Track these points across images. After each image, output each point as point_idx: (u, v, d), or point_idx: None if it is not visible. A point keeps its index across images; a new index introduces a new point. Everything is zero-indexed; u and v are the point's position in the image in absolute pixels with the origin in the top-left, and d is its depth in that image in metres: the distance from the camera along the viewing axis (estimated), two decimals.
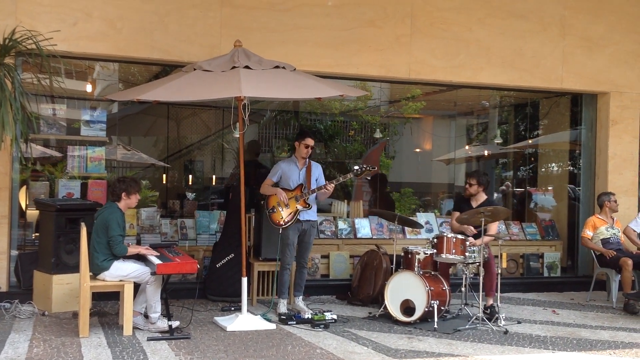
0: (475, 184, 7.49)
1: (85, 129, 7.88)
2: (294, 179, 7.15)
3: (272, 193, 7.14)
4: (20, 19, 6.91)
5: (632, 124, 9.31)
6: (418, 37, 8.37)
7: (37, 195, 7.84)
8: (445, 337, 6.45)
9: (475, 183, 7.49)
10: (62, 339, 5.90)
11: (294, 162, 7.24)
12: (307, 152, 7.18)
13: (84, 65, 8.39)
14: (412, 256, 7.10)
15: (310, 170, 7.22)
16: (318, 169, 7.35)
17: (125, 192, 6.31)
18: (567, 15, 9.00)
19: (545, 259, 9.47)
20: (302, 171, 7.20)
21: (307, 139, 7.18)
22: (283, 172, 7.20)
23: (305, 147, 7.16)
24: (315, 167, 7.33)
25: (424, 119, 13.58)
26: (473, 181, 7.51)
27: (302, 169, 7.21)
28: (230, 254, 7.75)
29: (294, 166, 7.22)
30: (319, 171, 7.34)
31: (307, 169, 7.22)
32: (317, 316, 6.84)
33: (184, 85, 6.44)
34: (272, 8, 7.83)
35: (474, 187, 7.49)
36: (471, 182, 7.52)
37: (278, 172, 7.22)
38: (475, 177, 7.54)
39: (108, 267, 6.15)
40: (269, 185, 7.20)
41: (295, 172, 7.18)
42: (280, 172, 7.21)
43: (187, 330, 6.32)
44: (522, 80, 8.90)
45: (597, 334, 6.76)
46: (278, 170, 7.23)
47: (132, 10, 7.38)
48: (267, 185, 7.21)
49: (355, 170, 6.98)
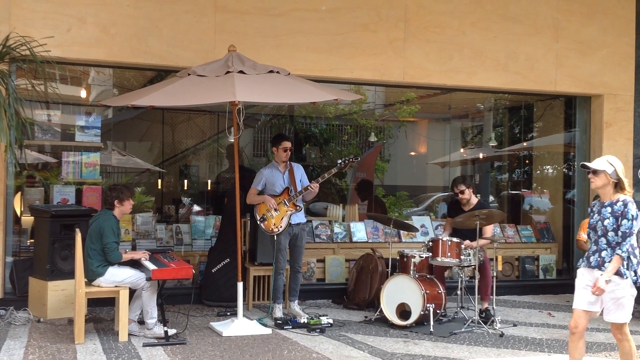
0: (465, 188, 7.47)
1: (80, 134, 7.86)
2: (279, 184, 7.15)
3: (260, 201, 7.13)
4: (14, 26, 6.90)
5: (625, 126, 9.33)
6: (412, 41, 8.39)
7: (32, 201, 7.82)
8: (441, 341, 6.46)
9: (465, 188, 7.47)
10: (57, 346, 5.89)
11: (276, 167, 7.24)
12: (286, 155, 7.18)
13: (78, 71, 8.39)
14: (408, 260, 7.11)
15: (292, 172, 7.22)
16: (300, 170, 7.35)
17: (117, 199, 6.31)
18: (560, 18, 9.03)
19: (541, 261, 9.49)
20: (286, 174, 7.20)
21: (283, 142, 7.18)
22: (266, 179, 7.19)
23: (283, 150, 7.16)
24: (297, 168, 7.33)
25: (418, 122, 13.61)
26: (462, 187, 7.46)
27: (285, 172, 7.21)
28: (225, 259, 7.75)
29: (276, 171, 7.22)
30: (301, 171, 7.35)
31: (289, 172, 7.22)
32: (313, 320, 6.84)
33: (179, 90, 6.45)
34: (266, 13, 7.84)
35: (466, 192, 7.47)
36: (461, 189, 7.47)
37: (262, 179, 7.21)
38: (462, 183, 7.47)
39: (103, 273, 6.14)
40: (255, 195, 7.19)
41: (278, 176, 7.18)
42: (263, 180, 7.20)
43: (182, 335, 6.31)
44: (516, 83, 8.93)
45: (593, 336, 6.77)
46: (261, 178, 7.22)
47: (126, 16, 7.38)
48: (253, 194, 7.19)
49: (339, 164, 7.04)
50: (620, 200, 4.87)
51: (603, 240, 4.88)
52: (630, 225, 4.79)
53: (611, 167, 4.90)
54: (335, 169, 7.08)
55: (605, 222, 4.86)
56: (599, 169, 4.91)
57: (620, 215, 4.81)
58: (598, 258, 4.88)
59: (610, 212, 4.86)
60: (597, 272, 4.83)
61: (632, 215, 4.79)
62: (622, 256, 4.76)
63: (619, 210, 4.83)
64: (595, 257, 4.90)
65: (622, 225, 4.80)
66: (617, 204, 4.85)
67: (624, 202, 4.84)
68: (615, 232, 4.83)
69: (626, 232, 4.78)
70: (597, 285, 4.74)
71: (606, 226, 4.85)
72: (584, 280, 4.95)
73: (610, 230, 4.84)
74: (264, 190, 7.18)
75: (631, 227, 4.79)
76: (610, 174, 4.89)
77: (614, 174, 4.89)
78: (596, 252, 4.91)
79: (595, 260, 4.89)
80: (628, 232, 4.78)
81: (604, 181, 4.91)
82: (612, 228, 4.83)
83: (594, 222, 4.94)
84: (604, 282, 4.73)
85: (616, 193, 4.91)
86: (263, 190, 7.19)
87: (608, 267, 4.78)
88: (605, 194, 4.95)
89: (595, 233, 4.93)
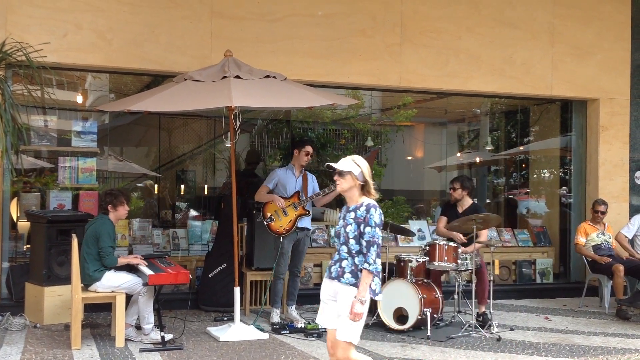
0: (459, 187, 7.53)
1: (77, 139, 7.85)
2: (291, 187, 7.15)
3: (268, 200, 7.11)
4: (10, 31, 6.91)
5: (622, 130, 9.37)
6: (408, 46, 8.41)
7: (28, 206, 7.81)
8: (439, 345, 6.46)
9: (459, 187, 7.53)
10: (54, 351, 5.88)
11: (291, 170, 7.25)
12: (307, 159, 7.21)
13: (74, 76, 8.38)
14: (405, 264, 7.11)
15: (306, 179, 7.24)
16: (314, 180, 7.37)
17: (111, 204, 6.31)
18: (556, 23, 9.06)
19: (538, 265, 9.50)
20: (299, 179, 7.21)
21: (307, 146, 7.22)
22: (279, 179, 7.19)
23: (306, 154, 7.19)
24: (311, 178, 7.36)
25: (415, 127, 13.62)
26: (457, 185, 7.56)
27: (299, 177, 7.22)
28: (222, 264, 7.74)
29: (291, 174, 7.22)
30: (315, 182, 7.36)
31: (303, 177, 7.24)
32: (310, 325, 6.82)
33: (175, 95, 6.45)
34: (262, 18, 7.86)
35: (458, 191, 7.53)
36: (455, 187, 7.57)
37: (274, 179, 7.21)
38: (458, 182, 7.59)
39: (100, 277, 6.14)
40: (264, 193, 7.18)
41: (292, 180, 7.19)
42: (276, 180, 7.20)
43: (179, 341, 6.30)
44: (512, 87, 8.95)
45: (590, 340, 6.78)
46: (274, 177, 7.22)
47: (122, 22, 7.39)
48: (263, 192, 7.18)
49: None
50: (364, 204, 4.33)
51: (344, 248, 4.35)
52: (374, 233, 4.24)
53: (358, 168, 4.37)
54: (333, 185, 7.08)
55: (347, 229, 4.32)
56: (345, 170, 4.37)
57: (363, 221, 4.28)
58: (338, 268, 4.35)
59: (354, 218, 4.32)
60: (337, 284, 4.33)
61: (375, 222, 4.26)
62: (370, 270, 4.21)
63: (361, 216, 4.29)
64: (336, 267, 4.38)
65: (365, 234, 4.26)
66: (360, 209, 4.32)
67: (367, 207, 4.30)
68: (357, 240, 4.29)
69: (370, 241, 4.24)
70: (353, 311, 4.20)
71: (348, 233, 4.31)
72: (325, 293, 4.47)
73: (351, 237, 4.30)
74: (274, 190, 7.18)
75: (375, 235, 4.24)
76: (357, 175, 4.35)
77: (361, 176, 4.35)
78: (337, 262, 4.39)
79: (335, 271, 4.37)
80: (372, 241, 4.24)
81: (350, 184, 4.36)
82: (354, 235, 4.29)
83: (338, 229, 4.42)
84: (360, 305, 4.20)
85: (362, 197, 4.39)
86: (273, 190, 7.18)
87: (360, 285, 4.24)
88: (351, 197, 4.40)
89: (339, 240, 4.40)
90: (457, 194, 7.55)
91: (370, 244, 4.24)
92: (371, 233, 4.24)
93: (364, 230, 4.27)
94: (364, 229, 4.26)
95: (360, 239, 4.28)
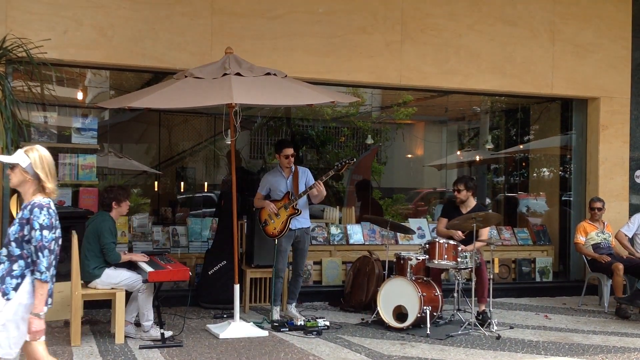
0: (464, 189, 7.50)
1: (77, 136, 7.85)
2: (281, 189, 7.16)
3: (261, 206, 7.18)
4: (11, 27, 6.89)
5: (622, 129, 9.36)
6: (408, 44, 8.40)
7: None
8: (438, 343, 6.46)
9: (463, 188, 7.50)
10: (53, 348, 5.87)
11: (279, 172, 7.25)
12: (288, 162, 7.18)
13: (75, 73, 8.37)
14: (405, 262, 7.11)
15: (297, 176, 7.21)
16: (306, 173, 7.34)
17: (115, 200, 6.32)
18: (556, 21, 9.05)
19: (537, 263, 9.48)
20: (289, 179, 7.20)
21: (284, 149, 7.16)
22: (270, 184, 7.21)
23: (285, 157, 7.16)
24: (303, 172, 7.32)
25: (415, 125, 13.62)
26: (461, 187, 7.52)
27: (289, 177, 7.21)
28: (222, 261, 7.74)
29: (280, 176, 7.22)
30: (307, 175, 7.33)
31: (293, 176, 7.21)
32: (310, 323, 6.83)
33: (176, 92, 6.45)
34: (263, 15, 7.85)
35: (463, 192, 7.50)
36: (459, 188, 7.52)
37: (266, 185, 7.24)
38: (462, 183, 7.54)
39: (100, 274, 6.14)
40: (259, 200, 7.23)
41: (281, 181, 7.19)
42: (267, 185, 7.22)
43: (179, 338, 6.30)
44: (513, 85, 8.95)
45: (589, 339, 6.78)
46: (265, 183, 7.26)
47: (123, 18, 7.38)
48: (258, 199, 7.25)
49: (336, 167, 7.06)
50: (30, 204, 3.80)
51: (4, 251, 3.83)
52: (40, 237, 3.72)
53: (27, 159, 3.80)
54: (332, 171, 7.09)
55: (11, 229, 3.82)
56: (10, 163, 3.83)
57: (27, 223, 3.77)
58: None
59: (19, 218, 3.81)
60: None
61: (40, 224, 3.73)
62: (42, 279, 3.72)
63: (25, 217, 3.78)
64: None
65: (32, 238, 3.75)
66: (27, 209, 3.79)
67: (32, 207, 3.77)
68: (18, 244, 3.79)
69: (37, 246, 3.73)
70: (32, 330, 3.76)
71: (9, 234, 3.81)
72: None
73: (12, 240, 3.80)
74: (269, 194, 7.20)
75: (41, 239, 3.72)
76: (25, 168, 3.80)
77: (30, 168, 3.79)
78: None
79: None
80: (39, 246, 3.72)
81: (19, 178, 3.82)
82: (14, 238, 3.79)
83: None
84: (38, 321, 3.76)
85: (35, 194, 3.84)
86: (268, 194, 7.20)
87: (35, 299, 3.76)
88: (25, 194, 3.86)
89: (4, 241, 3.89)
90: (462, 195, 7.51)
91: (38, 249, 3.74)
92: (37, 237, 3.73)
93: (30, 233, 3.77)
94: (31, 233, 3.76)
95: (25, 244, 3.79)
